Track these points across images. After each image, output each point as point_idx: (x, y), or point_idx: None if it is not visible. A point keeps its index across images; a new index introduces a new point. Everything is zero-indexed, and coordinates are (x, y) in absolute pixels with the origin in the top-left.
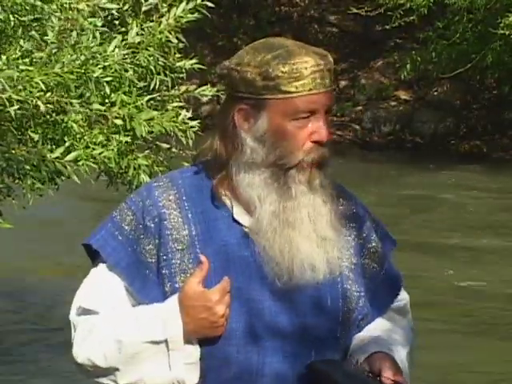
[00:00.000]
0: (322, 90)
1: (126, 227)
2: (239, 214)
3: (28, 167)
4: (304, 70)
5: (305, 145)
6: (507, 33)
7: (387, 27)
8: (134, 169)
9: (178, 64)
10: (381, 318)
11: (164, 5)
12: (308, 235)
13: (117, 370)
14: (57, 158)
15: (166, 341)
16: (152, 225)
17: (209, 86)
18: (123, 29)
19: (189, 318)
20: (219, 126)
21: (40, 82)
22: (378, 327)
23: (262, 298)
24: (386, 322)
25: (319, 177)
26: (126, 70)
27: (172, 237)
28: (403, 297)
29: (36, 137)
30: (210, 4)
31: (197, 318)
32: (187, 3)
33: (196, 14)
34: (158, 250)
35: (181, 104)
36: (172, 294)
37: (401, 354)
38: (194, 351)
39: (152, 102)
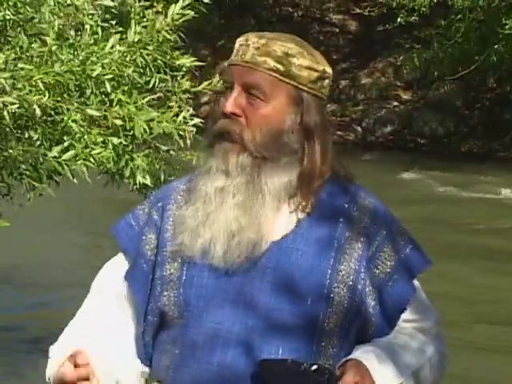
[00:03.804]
0: (238, 62)
1: (141, 217)
2: None
3: (24, 167)
4: (236, 44)
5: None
6: None
7: (388, 27)
8: (132, 169)
9: (177, 62)
10: (395, 331)
11: (159, 3)
12: (211, 214)
13: None
14: (54, 156)
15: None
16: (158, 213)
17: (216, 78)
18: (121, 28)
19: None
20: None
21: (40, 82)
22: (383, 338)
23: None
24: (396, 334)
25: (235, 156)
26: (126, 67)
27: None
28: (424, 316)
29: (35, 136)
30: (206, 0)
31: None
32: (184, 0)
33: (192, 12)
34: (158, 238)
35: (184, 97)
36: (160, 281)
37: (381, 359)
38: None
39: (152, 100)
